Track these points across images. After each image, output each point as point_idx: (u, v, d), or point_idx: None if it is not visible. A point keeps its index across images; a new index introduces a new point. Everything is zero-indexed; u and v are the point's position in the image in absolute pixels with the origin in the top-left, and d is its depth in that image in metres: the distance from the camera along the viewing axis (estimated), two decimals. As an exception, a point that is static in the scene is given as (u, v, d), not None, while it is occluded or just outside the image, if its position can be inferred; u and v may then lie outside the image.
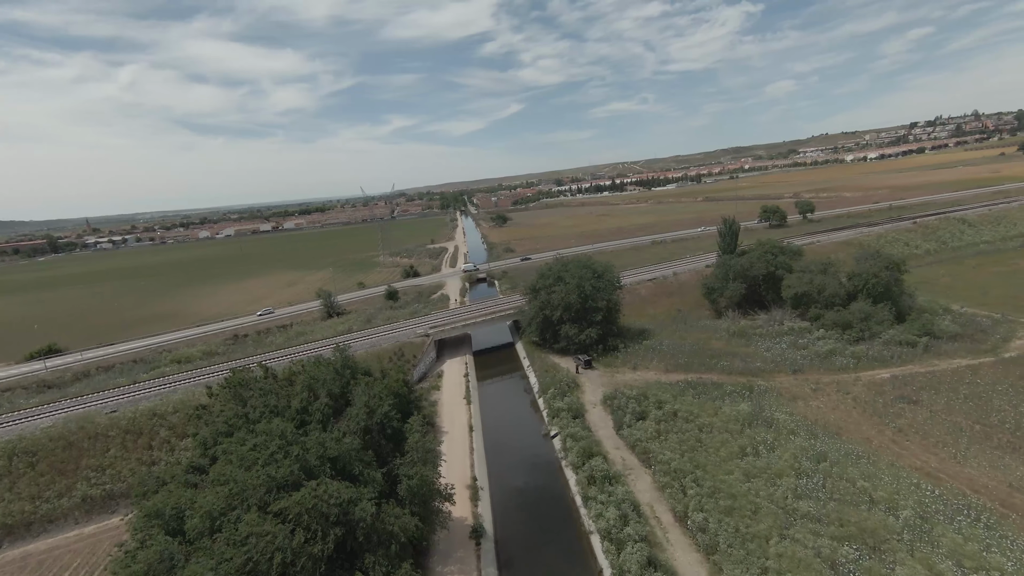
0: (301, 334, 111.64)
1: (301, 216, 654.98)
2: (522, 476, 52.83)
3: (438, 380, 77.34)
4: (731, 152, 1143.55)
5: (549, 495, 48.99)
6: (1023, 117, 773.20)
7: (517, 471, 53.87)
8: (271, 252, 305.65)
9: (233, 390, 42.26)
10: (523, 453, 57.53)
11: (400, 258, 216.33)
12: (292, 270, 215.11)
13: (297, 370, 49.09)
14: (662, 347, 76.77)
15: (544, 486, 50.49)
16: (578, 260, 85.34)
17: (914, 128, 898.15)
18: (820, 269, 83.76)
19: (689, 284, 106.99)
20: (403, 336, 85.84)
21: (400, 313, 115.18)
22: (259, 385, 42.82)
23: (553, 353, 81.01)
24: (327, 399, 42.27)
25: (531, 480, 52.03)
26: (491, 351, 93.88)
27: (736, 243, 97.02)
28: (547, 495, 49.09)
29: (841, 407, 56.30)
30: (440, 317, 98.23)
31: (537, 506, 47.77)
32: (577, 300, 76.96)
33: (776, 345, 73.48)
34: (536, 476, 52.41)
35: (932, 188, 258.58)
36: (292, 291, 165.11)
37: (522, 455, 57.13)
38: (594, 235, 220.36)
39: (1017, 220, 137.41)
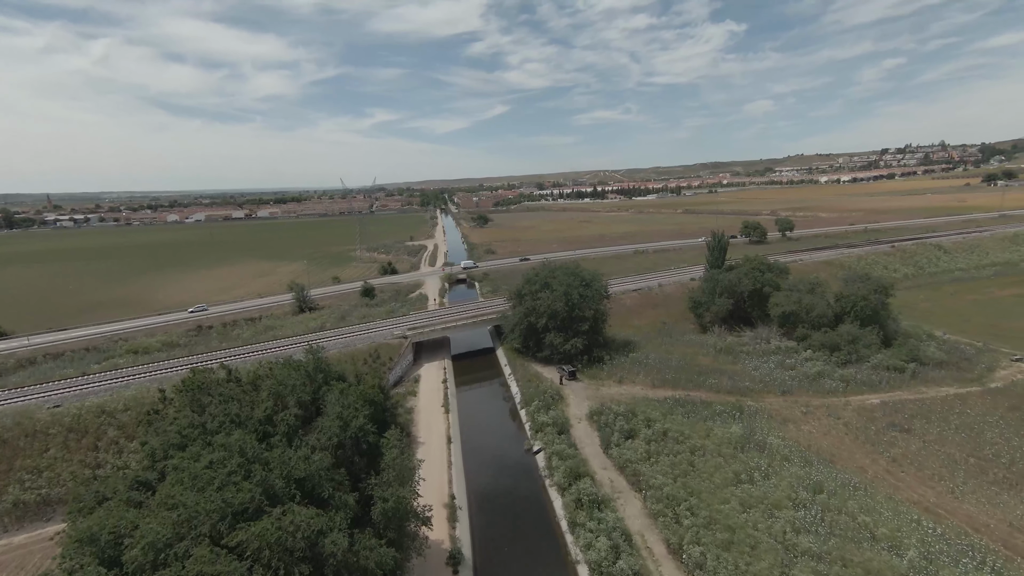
0: (270, 328, 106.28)
1: (276, 205, 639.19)
2: (504, 495, 49.54)
3: (415, 385, 73.55)
4: (710, 167, 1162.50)
5: (533, 518, 45.85)
6: (987, 150, 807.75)
7: (498, 490, 50.55)
8: (243, 240, 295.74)
9: (190, 394, 37.91)
10: (505, 469, 54.25)
11: (378, 254, 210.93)
12: (264, 260, 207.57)
13: (264, 373, 44.88)
14: (648, 361, 74.55)
15: (527, 507, 47.33)
16: (565, 267, 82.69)
17: (885, 154, 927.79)
18: (808, 289, 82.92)
19: (674, 296, 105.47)
20: (379, 337, 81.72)
21: (376, 312, 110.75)
22: (220, 390, 38.52)
23: (536, 361, 78.06)
24: (296, 408, 38.33)
25: (513, 500, 48.81)
26: (470, 356, 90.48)
27: (724, 258, 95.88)
28: (531, 518, 45.94)
29: (833, 432, 54.71)
30: (418, 319, 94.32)
31: (520, 530, 44.55)
32: (564, 308, 74.21)
33: (764, 364, 71.96)
34: (519, 496, 49.21)
35: (904, 213, 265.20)
36: (263, 282, 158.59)
37: (503, 472, 53.85)
38: (576, 241, 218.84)
39: (990, 249, 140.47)
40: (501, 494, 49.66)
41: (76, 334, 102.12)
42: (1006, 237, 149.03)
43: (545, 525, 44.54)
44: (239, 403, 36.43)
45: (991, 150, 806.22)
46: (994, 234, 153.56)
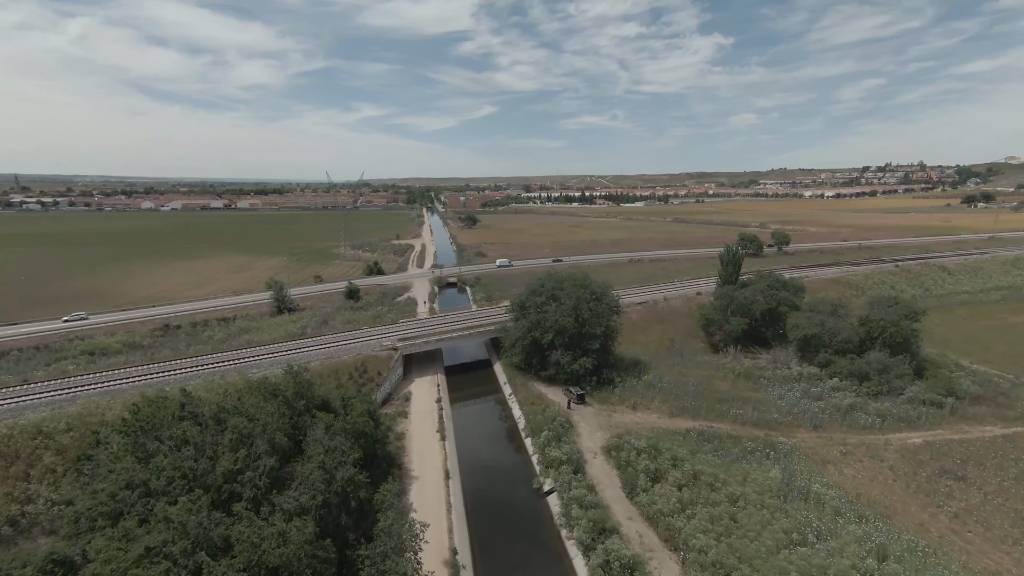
0: (245, 331, 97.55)
1: (257, 196, 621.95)
2: (515, 553, 41.92)
3: (405, 404, 65.92)
4: (695, 176, 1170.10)
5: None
6: (963, 172, 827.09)
7: (508, 544, 43.01)
8: (220, 231, 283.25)
9: (133, 437, 30.07)
10: (513, 515, 46.86)
11: (362, 252, 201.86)
12: (241, 254, 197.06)
13: (231, 405, 36.99)
14: (663, 384, 68.14)
15: (544, 569, 40.05)
16: (573, 277, 75.89)
17: (866, 172, 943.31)
18: (830, 311, 77.53)
19: (681, 311, 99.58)
20: (366, 347, 73.87)
21: (362, 316, 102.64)
22: (172, 431, 30.72)
23: (539, 380, 71.13)
24: (269, 456, 30.70)
25: (527, 558, 41.47)
26: (465, 369, 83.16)
27: (738, 273, 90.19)
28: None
29: (879, 479, 48.82)
30: (409, 328, 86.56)
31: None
32: (573, 324, 67.38)
33: (789, 393, 66.07)
34: (533, 554, 41.87)
35: (894, 231, 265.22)
36: (239, 278, 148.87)
37: (512, 518, 46.45)
38: (568, 247, 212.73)
39: (992, 272, 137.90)
40: (512, 552, 41.97)
41: (28, 329, 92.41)
42: (1007, 260, 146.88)
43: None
44: (197, 450, 28.68)
45: (967, 172, 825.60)
46: (994, 257, 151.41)
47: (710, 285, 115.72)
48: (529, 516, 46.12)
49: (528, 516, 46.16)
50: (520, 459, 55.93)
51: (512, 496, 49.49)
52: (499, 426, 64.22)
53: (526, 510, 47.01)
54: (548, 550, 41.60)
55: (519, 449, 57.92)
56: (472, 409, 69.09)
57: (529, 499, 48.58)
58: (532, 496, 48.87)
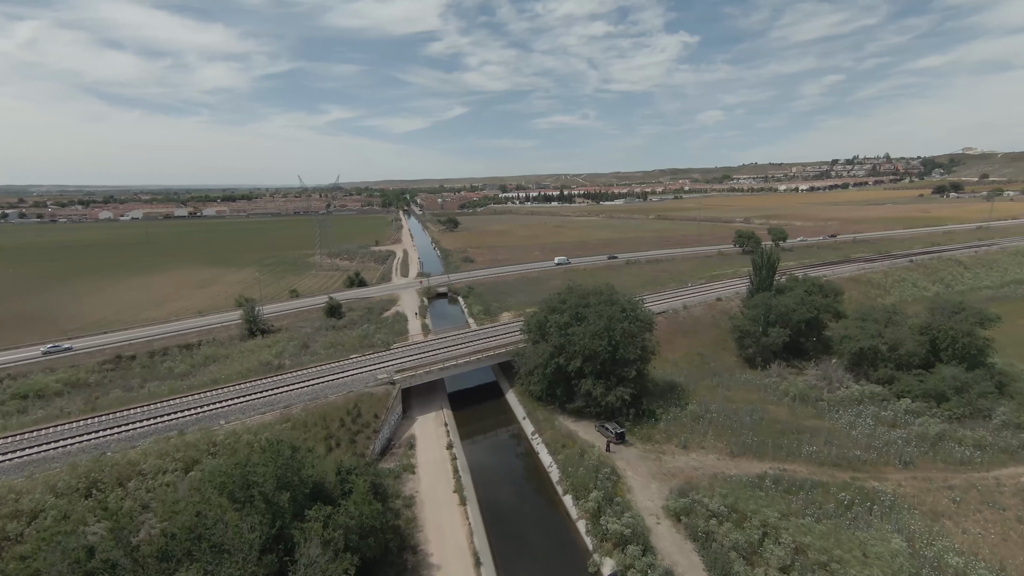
0: (212, 360, 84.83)
1: (224, 203, 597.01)
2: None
3: (410, 453, 54.36)
4: (668, 173, 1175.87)
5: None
6: (928, 163, 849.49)
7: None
8: (185, 242, 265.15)
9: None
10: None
11: (340, 260, 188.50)
12: (208, 266, 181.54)
13: (186, 526, 25.15)
14: (710, 414, 58.18)
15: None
16: (599, 291, 65.46)
17: (835, 164, 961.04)
18: (885, 318, 68.79)
19: (704, 321, 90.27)
20: (359, 383, 62.00)
21: (346, 337, 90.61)
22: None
23: (564, 414, 60.52)
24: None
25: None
26: (471, 399, 71.93)
27: (773, 278, 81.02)
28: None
29: (1012, 537, 39.61)
30: (405, 354, 74.77)
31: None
32: (605, 348, 56.90)
33: (859, 420, 56.75)
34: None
35: (880, 223, 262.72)
36: (205, 294, 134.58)
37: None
38: (557, 248, 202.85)
39: (1007, 265, 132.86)
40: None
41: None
42: (1018, 252, 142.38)
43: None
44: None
45: (932, 163, 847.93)
46: (1003, 248, 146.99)
47: (727, 290, 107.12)
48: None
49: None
50: (561, 525, 45.07)
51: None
52: (527, 478, 53.10)
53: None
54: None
55: (556, 508, 47.07)
56: (490, 455, 57.77)
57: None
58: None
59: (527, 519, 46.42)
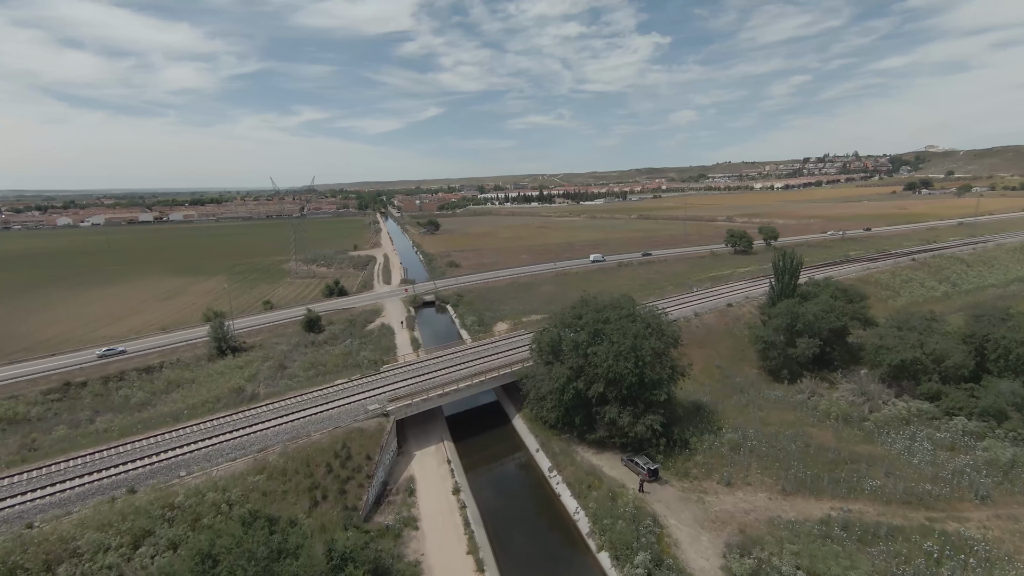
0: (175, 385, 75.45)
1: (193, 206, 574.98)
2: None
3: (410, 502, 46.22)
4: (644, 172, 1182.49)
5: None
6: (895, 161, 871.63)
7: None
8: (149, 249, 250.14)
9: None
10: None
11: (317, 267, 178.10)
12: (174, 275, 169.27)
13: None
14: (749, 442, 51.48)
15: None
16: (617, 304, 58.21)
17: (807, 163, 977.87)
18: (923, 326, 63.20)
19: (717, 330, 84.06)
20: (346, 415, 53.58)
21: (328, 355, 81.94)
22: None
23: (584, 445, 53.21)
24: None
25: None
26: (472, 423, 64.01)
27: (796, 283, 75.07)
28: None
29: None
30: (397, 377, 66.23)
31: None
32: (632, 371, 49.74)
33: (917, 445, 50.70)
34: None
35: (865, 221, 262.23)
36: (171, 307, 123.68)
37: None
38: (545, 251, 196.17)
39: (1007, 262, 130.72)
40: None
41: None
42: (1014, 248, 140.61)
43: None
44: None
45: (899, 161, 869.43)
46: (999, 245, 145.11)
47: (736, 294, 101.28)
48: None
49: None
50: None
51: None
52: (550, 527, 45.25)
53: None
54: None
55: (591, 572, 39.57)
56: (503, 499, 49.58)
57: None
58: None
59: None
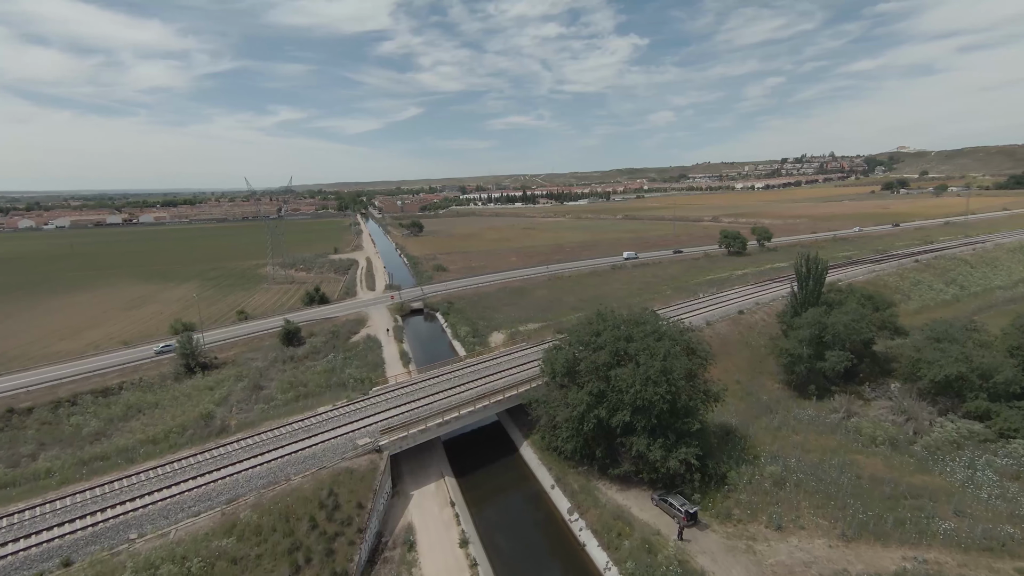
0: (136, 411, 67.17)
1: (165, 208, 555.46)
2: None
3: (410, 559, 38.95)
4: (625, 173, 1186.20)
5: None
6: (871, 161, 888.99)
7: None
8: (116, 253, 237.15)
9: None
10: None
11: (296, 271, 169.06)
12: (141, 281, 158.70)
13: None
14: (794, 474, 45.41)
15: None
16: (640, 320, 51.70)
17: (785, 163, 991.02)
18: (965, 336, 58.16)
19: (732, 340, 78.46)
20: (332, 451, 46.17)
21: (309, 373, 74.40)
22: None
23: (606, 481, 46.69)
24: None
25: None
26: (470, 448, 57.10)
27: (821, 290, 69.65)
28: None
29: None
30: (389, 403, 58.54)
31: None
32: (663, 397, 43.37)
33: (980, 475, 45.15)
34: None
35: (852, 220, 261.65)
36: (135, 318, 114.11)
37: None
38: (534, 253, 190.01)
39: (1009, 263, 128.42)
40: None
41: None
42: (1013, 248, 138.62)
43: None
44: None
45: (874, 161, 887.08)
46: (997, 245, 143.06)
47: (746, 300, 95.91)
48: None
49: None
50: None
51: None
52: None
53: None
54: None
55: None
56: (520, 552, 41.96)
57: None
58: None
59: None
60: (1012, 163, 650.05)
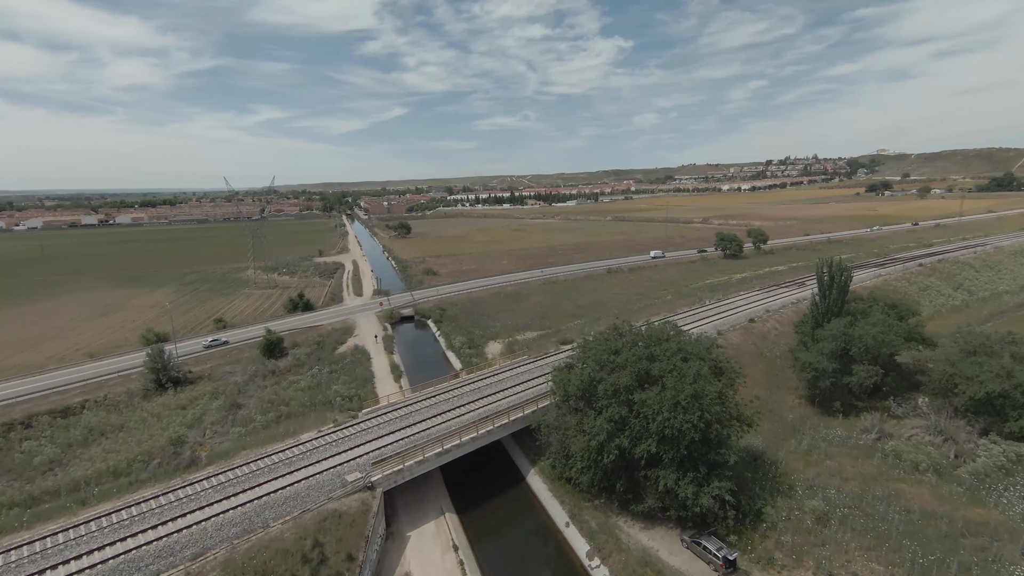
0: (98, 434, 60.78)
1: (143, 208, 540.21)
2: None
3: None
4: (612, 174, 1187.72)
5: None
6: (853, 164, 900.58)
7: None
8: (90, 256, 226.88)
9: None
10: None
11: (279, 275, 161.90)
12: (115, 286, 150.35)
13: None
14: (837, 509, 40.68)
15: None
16: (659, 334, 46.76)
17: (770, 165, 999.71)
18: (1001, 349, 54.11)
19: (745, 351, 73.89)
20: (317, 490, 40.37)
21: (292, 390, 68.29)
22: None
23: (627, 516, 41.58)
24: None
25: None
26: (471, 477, 51.47)
27: (845, 299, 65.26)
28: None
29: None
30: (380, 430, 52.50)
31: None
32: (693, 426, 38.39)
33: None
34: None
35: (844, 223, 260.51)
36: (105, 326, 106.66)
37: None
38: (526, 256, 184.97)
39: (1011, 267, 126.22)
40: None
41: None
42: (1014, 251, 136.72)
43: None
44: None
45: (856, 163, 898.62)
46: (998, 248, 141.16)
47: (755, 307, 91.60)
48: None
49: None
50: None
51: None
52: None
53: None
54: None
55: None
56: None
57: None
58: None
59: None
60: (990, 166, 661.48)
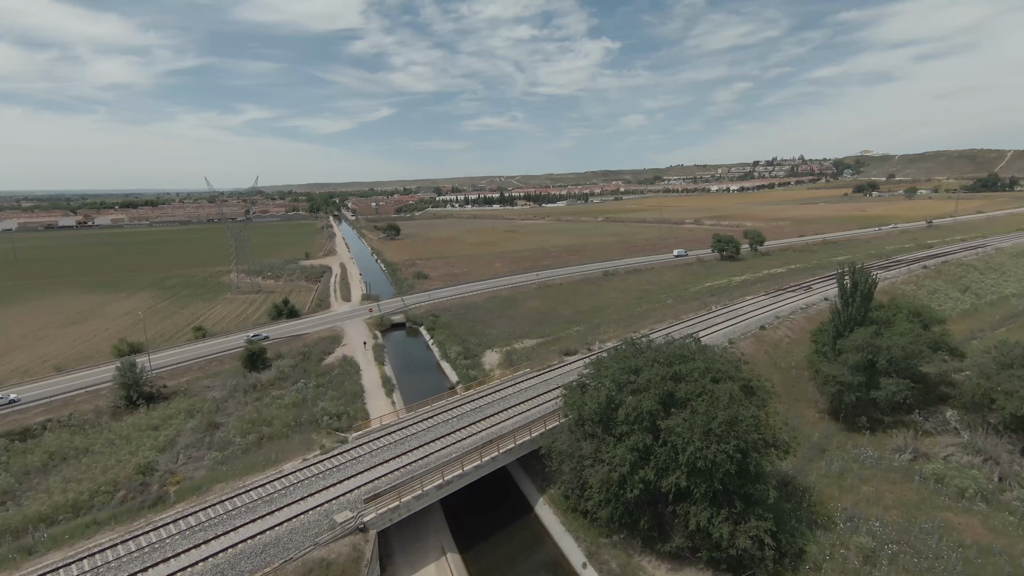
0: (60, 459, 55.37)
1: (124, 209, 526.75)
2: None
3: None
4: (600, 175, 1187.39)
5: None
6: (839, 164, 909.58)
7: None
8: (65, 259, 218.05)
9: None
10: None
11: (263, 279, 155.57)
12: (89, 291, 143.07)
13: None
14: (884, 546, 36.66)
15: None
16: (682, 352, 42.34)
17: (757, 166, 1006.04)
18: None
19: (759, 361, 69.88)
20: (302, 534, 35.32)
21: (276, 407, 63.09)
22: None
23: (652, 555, 37.09)
24: None
25: None
26: (472, 507, 46.75)
27: (868, 307, 61.41)
28: None
29: None
30: (373, 458, 47.30)
31: None
32: (728, 457, 34.06)
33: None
34: None
35: (836, 223, 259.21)
36: (76, 336, 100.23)
37: None
38: (519, 258, 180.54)
39: (1013, 268, 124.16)
40: None
41: None
42: (1016, 253, 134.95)
43: None
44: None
45: (842, 164, 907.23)
46: (998, 249, 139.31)
47: (765, 313, 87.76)
48: None
49: None
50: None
51: None
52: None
53: None
54: None
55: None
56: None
57: None
58: None
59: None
60: (974, 167, 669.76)
